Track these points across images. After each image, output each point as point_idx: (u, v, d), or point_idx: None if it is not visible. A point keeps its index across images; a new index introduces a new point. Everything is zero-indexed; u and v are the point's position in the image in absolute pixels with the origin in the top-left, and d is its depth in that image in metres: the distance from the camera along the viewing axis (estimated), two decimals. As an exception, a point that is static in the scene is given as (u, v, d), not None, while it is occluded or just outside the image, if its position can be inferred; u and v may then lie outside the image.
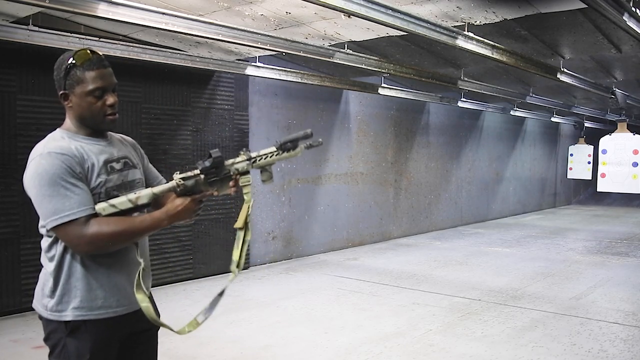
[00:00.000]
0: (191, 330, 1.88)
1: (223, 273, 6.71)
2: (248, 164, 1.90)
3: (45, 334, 1.87)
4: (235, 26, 4.52)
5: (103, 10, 3.72)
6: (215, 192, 1.89)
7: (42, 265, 1.88)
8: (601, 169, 12.13)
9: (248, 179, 1.90)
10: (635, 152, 11.68)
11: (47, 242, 1.84)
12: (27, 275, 4.97)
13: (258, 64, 6.16)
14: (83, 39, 4.68)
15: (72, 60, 1.81)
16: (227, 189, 1.89)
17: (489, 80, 8.22)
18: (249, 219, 1.89)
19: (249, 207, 1.89)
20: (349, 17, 4.37)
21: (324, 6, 3.55)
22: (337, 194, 8.53)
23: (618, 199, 17.20)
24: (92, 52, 1.85)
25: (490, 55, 5.15)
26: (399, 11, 3.97)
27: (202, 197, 1.86)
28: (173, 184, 1.83)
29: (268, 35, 4.77)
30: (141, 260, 1.86)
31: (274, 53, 5.56)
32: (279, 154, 1.91)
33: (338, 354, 4.17)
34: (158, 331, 2.10)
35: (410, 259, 7.90)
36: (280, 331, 4.68)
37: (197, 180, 1.85)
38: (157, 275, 6.00)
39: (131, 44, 5.06)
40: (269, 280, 6.54)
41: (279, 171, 7.57)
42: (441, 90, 8.95)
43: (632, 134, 11.83)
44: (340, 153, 8.57)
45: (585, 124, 14.27)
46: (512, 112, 11.46)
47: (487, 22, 4.58)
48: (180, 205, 1.83)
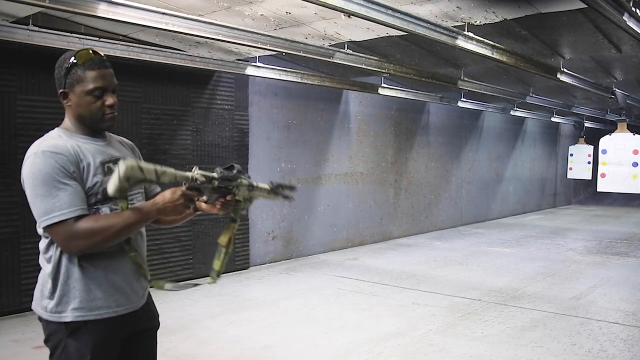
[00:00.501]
0: (153, 287, 1.97)
1: (223, 273, 6.71)
2: (247, 191, 1.95)
3: (45, 335, 1.86)
4: (235, 26, 4.52)
5: (103, 10, 3.72)
6: (213, 208, 1.90)
7: (41, 266, 1.88)
8: (601, 169, 12.13)
9: (246, 203, 1.99)
10: (635, 152, 11.68)
11: (44, 243, 1.83)
12: (27, 275, 4.97)
13: (258, 64, 6.16)
14: (83, 39, 4.68)
15: (73, 60, 1.81)
16: (212, 201, 1.88)
17: (489, 80, 8.22)
18: (233, 237, 1.98)
19: (234, 227, 1.98)
20: (349, 17, 4.37)
21: (324, 6, 3.55)
22: (337, 194, 8.53)
23: (618, 199, 17.20)
24: (95, 52, 1.84)
25: (490, 55, 5.15)
26: (399, 11, 3.97)
27: (193, 195, 1.80)
28: (189, 174, 1.78)
29: (268, 35, 4.77)
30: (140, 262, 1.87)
31: (274, 53, 5.56)
32: (268, 193, 2.05)
33: (338, 354, 4.17)
34: (157, 331, 2.11)
35: (410, 259, 7.90)
36: (280, 331, 4.68)
37: (209, 184, 1.82)
38: (157, 275, 6.00)
39: (131, 44, 5.06)
40: (269, 280, 6.54)
41: (279, 171, 7.57)
42: (441, 90, 8.95)
43: (632, 134, 11.83)
44: (340, 153, 8.57)
45: (585, 124, 14.27)
46: (512, 112, 11.46)
47: (487, 22, 4.58)
48: (168, 196, 1.78)
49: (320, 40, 5.28)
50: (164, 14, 4.07)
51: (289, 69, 6.56)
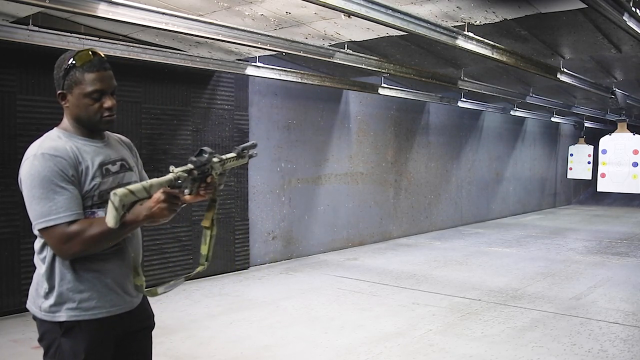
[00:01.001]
0: (145, 293, 1.95)
1: (223, 273, 6.72)
2: (220, 166, 1.95)
3: (39, 334, 1.87)
4: (235, 26, 4.52)
5: (103, 10, 3.72)
6: (198, 196, 1.88)
7: (35, 266, 1.89)
8: (601, 169, 12.13)
9: (220, 178, 1.98)
10: (635, 152, 11.68)
11: (39, 244, 1.84)
12: (27, 275, 4.97)
13: (258, 64, 6.16)
14: (83, 39, 4.68)
15: (72, 61, 1.79)
16: (195, 191, 1.86)
17: (489, 80, 8.22)
18: (215, 217, 1.96)
19: (215, 206, 1.97)
20: (349, 17, 4.37)
21: (324, 6, 3.55)
22: (337, 194, 8.53)
23: (618, 199, 17.20)
24: (94, 53, 1.82)
25: (490, 55, 5.15)
26: (399, 11, 3.97)
27: (174, 192, 1.76)
28: (171, 176, 1.76)
29: (268, 35, 4.77)
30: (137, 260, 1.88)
31: (274, 53, 5.56)
32: (237, 159, 2.06)
33: (338, 354, 4.17)
34: (152, 331, 2.11)
35: (410, 259, 7.90)
36: (280, 331, 4.68)
37: (190, 176, 1.81)
38: (157, 275, 6.01)
39: (131, 44, 5.06)
40: (269, 280, 6.54)
41: (279, 171, 7.57)
42: (441, 90, 8.96)
43: (632, 134, 11.83)
44: (340, 153, 8.57)
45: (585, 124, 14.27)
46: (512, 112, 11.46)
47: (487, 22, 4.58)
48: (154, 199, 1.73)
49: (320, 40, 5.28)
50: (164, 14, 4.07)
51: (289, 69, 6.56)
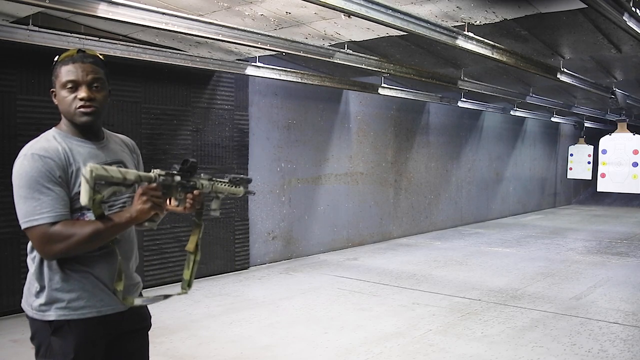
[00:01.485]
0: (121, 300, 1.88)
1: (223, 273, 6.72)
2: (209, 184, 1.93)
3: (31, 333, 1.88)
4: (235, 26, 4.52)
5: (103, 10, 3.72)
6: (175, 206, 1.87)
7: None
8: (601, 169, 12.13)
9: (215, 202, 1.98)
10: (635, 152, 11.68)
11: (30, 244, 1.85)
12: (27, 275, 4.97)
13: (258, 64, 6.16)
14: (83, 39, 4.68)
15: (57, 58, 1.85)
16: (183, 203, 1.87)
17: (489, 80, 8.22)
18: (200, 242, 1.96)
19: (200, 231, 1.96)
20: (349, 17, 4.37)
21: (324, 6, 3.55)
22: (337, 194, 8.53)
23: (618, 199, 17.20)
24: (81, 51, 1.85)
25: (490, 55, 5.15)
26: (399, 11, 3.97)
27: (152, 187, 1.76)
28: (151, 174, 1.78)
29: (268, 35, 4.77)
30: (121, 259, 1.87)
31: (274, 53, 5.56)
32: (230, 186, 1.99)
33: (338, 354, 4.17)
34: (148, 331, 2.10)
35: (410, 259, 7.90)
36: (280, 331, 4.68)
37: (172, 180, 1.82)
38: (157, 275, 6.01)
39: (131, 44, 5.06)
40: (269, 280, 6.54)
41: (279, 171, 7.57)
42: (441, 90, 8.96)
43: (632, 134, 11.83)
44: (340, 153, 8.57)
45: (585, 124, 14.27)
46: (512, 112, 11.46)
47: (487, 22, 4.58)
48: (135, 198, 1.77)
49: (320, 40, 5.28)
50: (164, 14, 4.07)
51: (289, 69, 6.56)
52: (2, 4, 3.87)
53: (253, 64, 6.13)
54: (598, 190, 12.61)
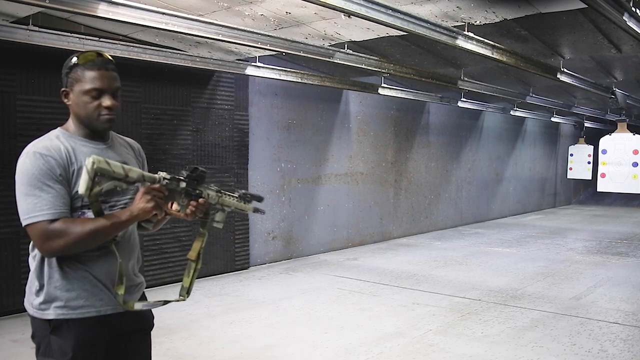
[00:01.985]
0: (121, 305, 1.87)
1: (223, 273, 6.72)
2: (216, 195, 1.93)
3: (32, 331, 1.89)
4: (235, 26, 4.52)
5: (103, 10, 3.72)
6: (175, 210, 1.87)
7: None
8: (601, 169, 12.13)
9: (213, 211, 1.96)
10: (635, 152, 11.69)
11: (31, 243, 1.86)
12: (27, 275, 4.96)
13: (258, 64, 6.16)
14: (83, 39, 4.68)
15: (75, 60, 1.83)
16: (184, 209, 1.87)
17: (489, 80, 8.22)
18: (202, 250, 1.95)
19: (203, 240, 1.96)
20: (349, 17, 4.37)
21: (324, 6, 3.55)
22: (337, 194, 8.53)
23: (618, 199, 17.20)
24: (100, 54, 1.85)
25: (490, 55, 5.15)
26: (399, 11, 3.96)
27: (154, 187, 1.79)
28: (156, 175, 1.81)
29: (268, 35, 4.77)
30: (121, 260, 1.86)
31: (274, 53, 5.56)
32: (238, 201, 1.98)
33: (338, 354, 4.17)
34: (151, 332, 2.10)
35: (410, 259, 7.90)
36: (280, 331, 4.68)
37: (177, 185, 1.83)
38: (157, 275, 6.01)
39: (131, 44, 5.06)
40: (269, 280, 6.54)
41: (279, 171, 7.57)
42: (441, 90, 8.96)
43: (632, 134, 11.84)
44: (340, 153, 8.57)
45: (585, 124, 14.27)
46: (512, 112, 11.46)
47: (487, 22, 4.58)
48: (137, 197, 1.80)
49: (320, 40, 5.28)
50: (164, 14, 4.07)
51: (289, 69, 6.56)
52: (2, 4, 3.87)
53: (253, 64, 6.13)
54: (598, 190, 12.61)
